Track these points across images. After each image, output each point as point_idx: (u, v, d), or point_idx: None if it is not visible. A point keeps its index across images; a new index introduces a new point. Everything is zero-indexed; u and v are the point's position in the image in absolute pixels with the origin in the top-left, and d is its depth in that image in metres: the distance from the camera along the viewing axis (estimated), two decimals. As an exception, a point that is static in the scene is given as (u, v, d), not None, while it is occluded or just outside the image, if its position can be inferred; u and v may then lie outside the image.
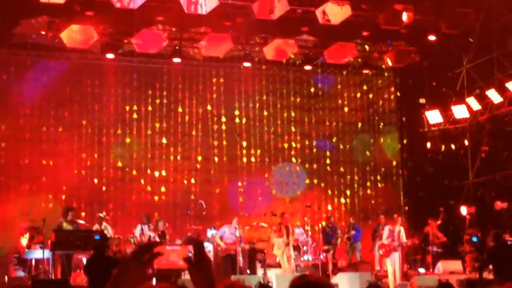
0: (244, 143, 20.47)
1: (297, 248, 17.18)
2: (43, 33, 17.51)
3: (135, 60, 19.39)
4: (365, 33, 18.26)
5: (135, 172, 19.47)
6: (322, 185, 20.92)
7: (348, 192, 21.16)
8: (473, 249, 15.63)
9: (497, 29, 17.87)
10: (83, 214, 18.14)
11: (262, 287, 9.49)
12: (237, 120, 20.50)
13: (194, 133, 20.08)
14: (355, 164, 21.37)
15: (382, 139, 21.77)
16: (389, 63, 19.96)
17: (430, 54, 19.57)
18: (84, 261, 13.30)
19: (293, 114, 21.03)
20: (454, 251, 17.59)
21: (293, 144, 20.92)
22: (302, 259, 17.39)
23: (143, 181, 19.50)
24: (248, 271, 16.90)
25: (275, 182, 20.52)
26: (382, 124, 21.83)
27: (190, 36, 18.59)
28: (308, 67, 19.93)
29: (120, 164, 19.38)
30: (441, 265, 16.60)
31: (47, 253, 14.31)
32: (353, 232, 18.50)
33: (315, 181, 20.84)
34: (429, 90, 20.36)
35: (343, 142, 21.41)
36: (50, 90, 18.88)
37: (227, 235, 16.90)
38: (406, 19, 16.76)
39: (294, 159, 20.87)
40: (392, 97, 21.88)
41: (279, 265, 16.40)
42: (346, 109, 21.53)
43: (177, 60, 18.61)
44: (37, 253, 14.97)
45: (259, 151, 20.54)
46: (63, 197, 18.51)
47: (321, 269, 16.59)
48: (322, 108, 21.35)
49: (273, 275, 15.48)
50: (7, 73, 18.78)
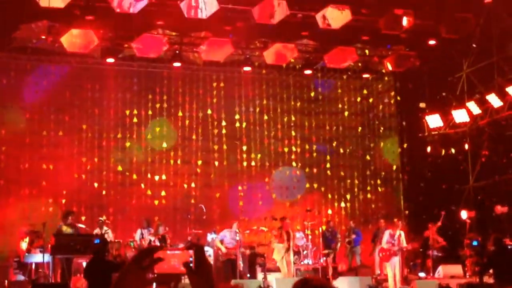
0: (244, 147, 20.48)
1: (297, 252, 17.19)
2: (43, 37, 17.53)
3: (135, 65, 19.40)
4: (365, 38, 18.26)
5: (135, 176, 19.48)
6: (322, 189, 20.93)
7: (348, 196, 21.17)
8: (473, 253, 15.66)
9: (497, 33, 17.87)
10: (83, 218, 18.15)
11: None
12: (237, 124, 20.52)
13: (194, 137, 20.10)
14: (355, 168, 21.40)
15: (382, 144, 21.78)
16: (389, 67, 19.96)
17: (430, 59, 19.59)
18: (84, 265, 13.29)
19: (293, 118, 21.04)
20: (455, 255, 17.58)
21: (293, 148, 20.93)
22: (302, 263, 17.38)
23: (143, 185, 19.51)
24: (248, 275, 16.91)
25: (275, 186, 20.53)
26: (382, 128, 21.85)
27: (190, 40, 18.60)
28: (308, 72, 19.96)
29: (120, 168, 19.40)
30: (441, 269, 16.58)
31: (47, 257, 14.26)
32: (353, 236, 18.49)
33: (315, 185, 20.85)
34: (429, 94, 20.37)
35: (343, 147, 21.42)
36: (50, 94, 18.90)
37: (227, 240, 16.89)
38: (406, 23, 16.77)
39: (294, 163, 20.88)
40: (392, 101, 21.89)
41: (279, 269, 16.37)
42: (346, 113, 21.56)
43: (177, 64, 18.66)
44: (37, 257, 14.93)
45: (259, 155, 20.55)
46: (63, 201, 18.52)
47: (321, 273, 16.59)
48: (322, 113, 21.38)
49: (273, 279, 15.47)
50: (7, 78, 18.81)
